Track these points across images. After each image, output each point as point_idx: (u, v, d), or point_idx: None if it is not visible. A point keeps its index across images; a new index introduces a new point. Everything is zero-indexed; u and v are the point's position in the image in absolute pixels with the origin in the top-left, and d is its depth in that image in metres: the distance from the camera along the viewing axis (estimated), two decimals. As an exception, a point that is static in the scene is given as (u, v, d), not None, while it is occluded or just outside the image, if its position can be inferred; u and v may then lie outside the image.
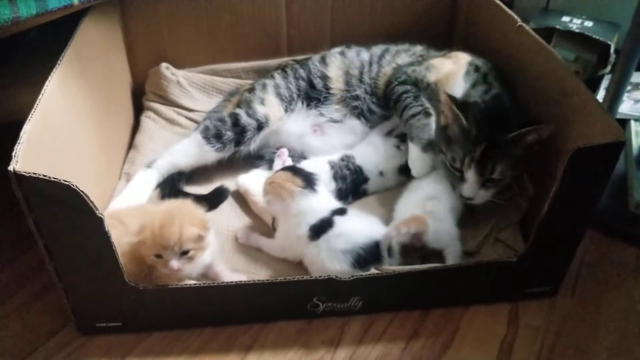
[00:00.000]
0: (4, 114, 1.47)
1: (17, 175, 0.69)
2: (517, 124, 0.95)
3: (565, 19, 1.43)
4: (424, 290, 0.95)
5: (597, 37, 1.35)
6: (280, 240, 0.99)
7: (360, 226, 0.93)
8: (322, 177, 1.04)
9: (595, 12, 1.45)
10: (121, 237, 0.82)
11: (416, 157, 1.07)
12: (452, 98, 0.98)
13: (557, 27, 1.39)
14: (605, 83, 1.39)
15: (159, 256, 0.84)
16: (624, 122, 1.33)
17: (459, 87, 1.09)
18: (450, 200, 1.03)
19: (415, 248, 0.99)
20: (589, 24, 1.41)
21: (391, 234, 0.94)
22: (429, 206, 1.00)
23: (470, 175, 0.98)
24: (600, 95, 1.38)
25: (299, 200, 0.95)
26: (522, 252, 0.92)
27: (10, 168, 0.69)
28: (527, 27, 1.11)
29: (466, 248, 1.02)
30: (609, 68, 1.37)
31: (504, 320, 0.96)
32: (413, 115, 1.09)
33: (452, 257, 0.97)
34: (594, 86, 1.39)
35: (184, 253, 0.84)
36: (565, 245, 0.94)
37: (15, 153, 0.70)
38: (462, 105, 0.98)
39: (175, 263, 0.83)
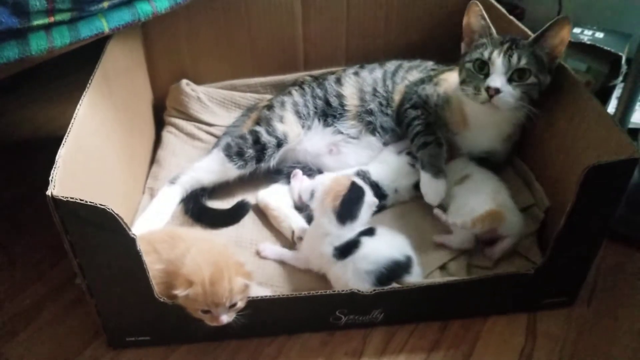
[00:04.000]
0: (29, 130, 1.51)
1: (55, 200, 0.72)
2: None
3: (577, 30, 1.45)
4: (443, 303, 0.97)
5: (608, 48, 1.37)
6: (305, 252, 1.01)
7: (384, 246, 0.94)
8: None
9: (606, 23, 1.47)
10: (153, 264, 0.84)
11: (429, 184, 1.09)
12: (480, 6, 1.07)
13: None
14: (617, 93, 1.40)
15: (206, 311, 0.83)
16: (636, 132, 1.35)
17: None
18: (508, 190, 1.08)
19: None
20: (600, 35, 1.42)
21: (466, 225, 0.99)
22: (499, 199, 1.03)
23: (498, 63, 1.02)
24: (612, 105, 1.40)
25: (328, 220, 0.95)
26: (540, 265, 0.94)
27: (49, 193, 0.71)
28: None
29: (484, 262, 1.04)
30: (620, 78, 1.38)
31: (522, 331, 0.98)
32: (425, 144, 1.12)
33: (510, 242, 1.01)
34: (605, 96, 1.40)
35: (233, 306, 0.84)
36: (582, 257, 0.95)
37: (52, 178, 0.73)
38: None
39: (225, 318, 0.82)
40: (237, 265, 0.86)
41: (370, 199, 0.99)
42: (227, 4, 1.33)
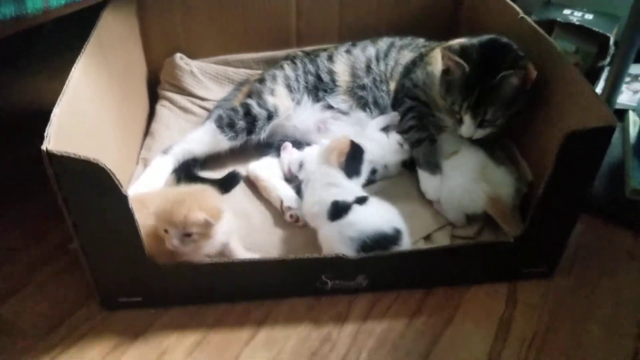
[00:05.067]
0: (26, 102, 1.53)
1: (49, 154, 0.73)
2: (502, 66, 1.02)
3: (566, 12, 1.47)
4: (426, 270, 1.00)
5: (597, 30, 1.39)
6: (306, 206, 1.04)
7: (372, 217, 0.97)
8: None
9: (595, 5, 1.49)
10: (145, 220, 0.87)
11: (427, 182, 1.12)
12: (450, 49, 1.06)
13: (558, 19, 1.43)
14: (605, 74, 1.43)
15: (166, 231, 0.87)
16: (622, 112, 1.38)
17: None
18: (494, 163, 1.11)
19: None
20: (589, 16, 1.45)
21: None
22: (487, 174, 1.08)
23: (467, 118, 1.06)
24: (600, 85, 1.42)
25: (337, 172, 1.01)
26: (519, 233, 0.97)
27: (43, 147, 0.73)
28: (528, 19, 1.15)
29: (467, 233, 1.07)
30: (608, 59, 1.41)
31: (502, 299, 1.01)
32: (419, 141, 1.15)
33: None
34: (594, 77, 1.42)
35: (188, 235, 0.87)
36: (561, 226, 0.98)
37: (47, 134, 0.75)
38: (460, 51, 1.06)
39: (175, 241, 0.86)
40: (207, 203, 0.89)
41: (368, 157, 1.07)
42: (222, -22, 1.35)
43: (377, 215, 0.98)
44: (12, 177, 1.27)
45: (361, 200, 0.99)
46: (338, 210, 0.96)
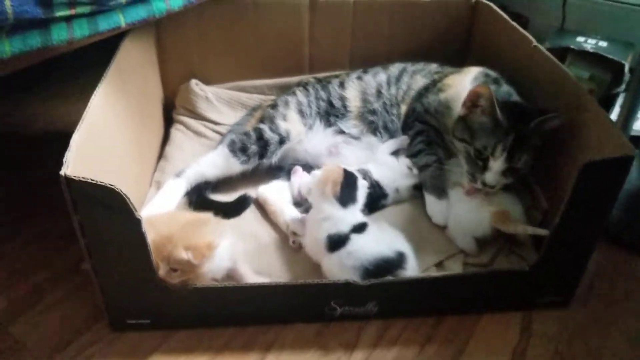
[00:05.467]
0: (44, 124, 1.57)
1: (68, 179, 0.75)
2: (531, 114, 1.02)
3: (580, 39, 1.47)
4: (438, 297, 0.99)
5: (612, 57, 1.39)
6: (306, 240, 1.04)
7: (371, 244, 0.96)
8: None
9: (609, 33, 1.49)
10: (152, 241, 0.87)
11: (434, 206, 1.12)
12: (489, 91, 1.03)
13: (572, 46, 1.43)
14: (620, 101, 1.42)
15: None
16: (638, 139, 1.35)
17: (465, 90, 1.12)
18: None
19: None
20: (603, 44, 1.44)
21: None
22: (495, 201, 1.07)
23: (497, 164, 1.03)
24: (615, 113, 1.41)
25: (331, 204, 1.00)
26: (535, 262, 0.95)
27: (62, 172, 0.75)
28: (541, 47, 1.15)
29: (480, 260, 1.06)
30: (623, 86, 1.40)
31: (516, 329, 0.98)
32: (427, 165, 1.15)
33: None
34: (608, 104, 1.41)
35: (174, 270, 0.89)
36: (577, 255, 0.96)
37: (66, 159, 0.77)
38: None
39: (161, 272, 0.88)
40: (196, 240, 0.90)
41: (362, 182, 1.05)
42: (237, 7, 1.38)
43: (377, 241, 0.98)
44: (23, 199, 1.29)
45: (359, 228, 0.99)
46: (335, 242, 0.96)
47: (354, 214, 1.01)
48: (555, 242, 0.92)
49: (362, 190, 1.05)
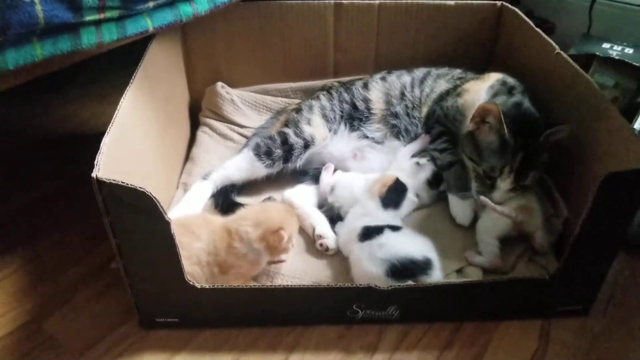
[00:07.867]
0: (75, 125, 1.62)
1: (99, 182, 0.78)
2: (539, 128, 1.02)
3: (606, 45, 1.45)
4: (458, 303, 1.00)
5: (638, 64, 1.37)
6: (342, 235, 1.08)
7: (403, 243, 0.99)
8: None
9: (635, 39, 1.47)
10: (190, 244, 0.92)
11: (457, 206, 1.14)
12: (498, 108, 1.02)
13: (597, 53, 1.42)
14: (644, 109, 1.40)
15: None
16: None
17: (480, 100, 1.13)
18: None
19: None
20: (629, 50, 1.43)
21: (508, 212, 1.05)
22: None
23: (505, 184, 1.04)
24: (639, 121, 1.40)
25: (374, 203, 1.07)
26: (555, 271, 0.96)
27: (93, 175, 0.78)
28: (564, 55, 1.15)
29: (500, 268, 1.06)
30: (649, 95, 1.38)
31: (535, 336, 0.99)
32: (450, 164, 1.15)
33: (541, 235, 1.06)
34: (633, 112, 1.40)
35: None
36: (597, 265, 0.97)
37: (97, 162, 0.79)
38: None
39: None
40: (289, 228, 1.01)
41: (411, 196, 1.11)
42: (263, 11, 1.41)
43: (409, 243, 1.00)
44: (54, 200, 1.33)
45: (394, 228, 1.02)
46: (369, 232, 1.00)
47: (394, 218, 1.07)
48: (575, 251, 0.92)
49: (409, 202, 1.11)
